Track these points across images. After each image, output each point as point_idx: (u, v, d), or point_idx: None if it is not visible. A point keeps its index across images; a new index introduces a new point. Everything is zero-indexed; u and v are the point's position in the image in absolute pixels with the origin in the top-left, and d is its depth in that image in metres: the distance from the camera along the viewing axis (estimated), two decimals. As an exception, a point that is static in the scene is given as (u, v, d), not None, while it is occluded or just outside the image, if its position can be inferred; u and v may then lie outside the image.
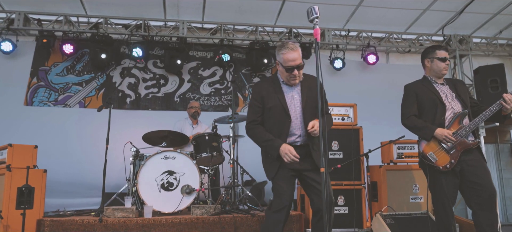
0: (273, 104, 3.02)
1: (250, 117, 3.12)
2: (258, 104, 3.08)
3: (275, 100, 3.02)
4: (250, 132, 3.12)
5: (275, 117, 3.02)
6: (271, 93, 3.06)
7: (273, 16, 7.03)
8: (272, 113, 3.03)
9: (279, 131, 2.99)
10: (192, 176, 4.53)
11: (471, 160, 3.20)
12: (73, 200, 6.00)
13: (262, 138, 3.00)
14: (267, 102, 3.05)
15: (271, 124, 3.04)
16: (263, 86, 3.17)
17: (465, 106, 3.33)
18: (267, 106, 3.05)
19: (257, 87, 3.18)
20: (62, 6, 6.58)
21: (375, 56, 7.45)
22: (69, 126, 6.58)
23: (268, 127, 3.05)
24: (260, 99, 3.08)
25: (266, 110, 3.06)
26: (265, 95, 3.06)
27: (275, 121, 3.02)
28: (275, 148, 2.89)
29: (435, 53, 3.45)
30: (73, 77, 6.94)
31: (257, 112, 3.08)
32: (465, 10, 6.89)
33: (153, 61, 7.23)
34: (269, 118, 3.05)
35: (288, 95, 3.05)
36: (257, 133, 3.06)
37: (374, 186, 4.77)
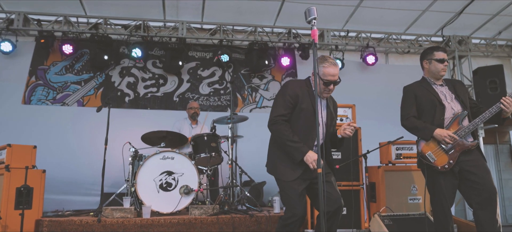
0: (306, 106, 2.94)
1: (279, 111, 2.97)
2: (291, 100, 2.96)
3: (309, 103, 2.95)
4: (275, 126, 2.97)
5: (306, 119, 2.94)
6: (305, 95, 2.98)
7: (272, 16, 7.04)
8: (304, 115, 2.95)
9: (306, 135, 2.93)
10: (190, 176, 4.54)
11: (471, 160, 3.19)
12: (72, 199, 6.01)
13: (289, 137, 2.89)
14: (301, 101, 2.96)
15: (299, 125, 2.96)
16: (299, 84, 3.07)
17: (464, 107, 3.32)
18: (301, 106, 2.96)
19: (293, 84, 3.08)
20: (61, 7, 6.59)
21: (374, 56, 7.46)
22: (67, 124, 6.56)
23: (295, 128, 2.95)
24: (295, 96, 2.96)
25: (298, 110, 2.96)
26: (300, 95, 2.97)
27: (304, 123, 2.95)
28: (302, 152, 2.82)
29: (433, 54, 3.45)
30: (72, 76, 6.94)
31: (288, 108, 2.96)
32: (464, 11, 6.90)
33: (152, 61, 7.24)
34: (299, 118, 2.97)
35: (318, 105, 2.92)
36: (283, 130, 2.92)
37: (372, 187, 4.78)
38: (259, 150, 6.53)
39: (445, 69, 3.44)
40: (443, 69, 3.42)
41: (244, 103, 7.32)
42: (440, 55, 3.43)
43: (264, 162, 3.18)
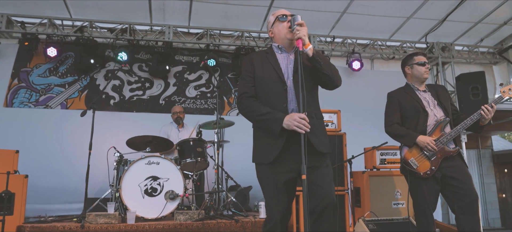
0: (266, 71, 2.56)
1: (241, 89, 2.60)
2: (248, 72, 2.60)
3: (269, 66, 2.57)
4: (241, 106, 2.59)
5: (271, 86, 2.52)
6: (264, 60, 2.62)
7: (259, 21, 7.07)
8: (267, 82, 2.53)
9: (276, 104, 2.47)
10: (176, 181, 4.51)
11: (453, 166, 3.25)
12: (54, 205, 5.90)
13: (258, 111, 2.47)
14: (259, 69, 2.58)
15: (266, 96, 2.53)
16: (257, 54, 2.72)
17: (446, 114, 3.39)
18: (259, 74, 2.57)
19: (249, 56, 2.70)
20: (46, 9, 6.50)
21: (360, 62, 7.54)
22: (50, 127, 6.45)
23: (264, 101, 2.53)
24: (250, 64, 2.62)
25: (259, 80, 2.56)
26: (256, 61, 2.62)
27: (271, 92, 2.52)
28: (278, 120, 2.35)
29: (414, 59, 3.54)
30: (55, 79, 6.83)
31: (249, 82, 2.58)
32: (447, 18, 7.04)
33: (138, 64, 7.19)
34: (263, 89, 2.55)
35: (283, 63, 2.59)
36: (250, 106, 2.52)
37: (357, 192, 4.82)
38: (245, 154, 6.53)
39: (427, 71, 3.52)
40: (425, 71, 3.50)
41: (231, 107, 7.32)
42: (420, 59, 3.52)
43: (250, 167, 3.01)
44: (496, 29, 7.58)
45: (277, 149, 2.40)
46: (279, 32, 2.61)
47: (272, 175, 2.44)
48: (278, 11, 2.66)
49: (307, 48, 2.41)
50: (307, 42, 2.41)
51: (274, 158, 2.41)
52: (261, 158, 2.50)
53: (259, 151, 2.53)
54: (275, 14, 2.66)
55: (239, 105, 2.60)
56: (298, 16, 2.43)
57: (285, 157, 2.42)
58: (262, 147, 2.52)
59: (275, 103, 2.47)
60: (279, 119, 2.35)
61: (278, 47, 2.64)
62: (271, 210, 2.49)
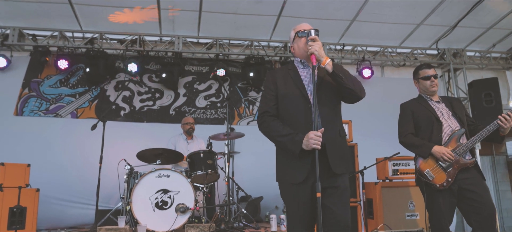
0: (289, 89, 2.50)
1: (262, 108, 2.56)
2: (271, 91, 2.55)
3: (291, 84, 2.51)
4: (262, 127, 2.55)
5: (294, 104, 2.47)
6: (287, 77, 2.57)
7: (269, 30, 7.05)
8: (289, 100, 2.48)
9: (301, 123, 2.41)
10: (186, 194, 4.49)
11: (469, 178, 3.18)
12: (65, 214, 5.93)
13: (278, 132, 2.43)
14: (282, 86, 2.53)
15: (290, 115, 2.48)
16: (279, 70, 2.66)
17: (462, 124, 3.32)
18: (282, 92, 2.51)
19: (271, 72, 2.68)
20: (57, 22, 6.57)
21: (370, 70, 7.47)
22: (60, 136, 6.47)
23: (287, 121, 2.48)
24: (273, 83, 2.57)
25: (281, 98, 2.51)
26: (280, 79, 2.57)
27: (294, 110, 2.46)
28: (297, 141, 2.31)
29: (418, 73, 3.52)
30: (66, 90, 6.88)
31: (271, 100, 2.53)
32: (458, 24, 6.94)
33: (148, 75, 7.22)
34: (286, 108, 2.50)
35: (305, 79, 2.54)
36: (271, 127, 2.48)
37: (369, 203, 4.76)
38: (256, 164, 6.59)
39: (433, 84, 3.46)
40: (431, 85, 3.45)
41: (241, 116, 7.30)
42: (424, 73, 3.47)
43: (261, 177, 3.02)
44: (508, 34, 7.46)
45: (305, 169, 2.35)
46: (299, 48, 2.55)
47: (297, 194, 2.39)
48: (299, 26, 2.60)
49: (325, 63, 2.36)
50: (324, 57, 2.37)
51: (302, 180, 2.35)
52: (287, 178, 2.45)
53: (285, 171, 2.48)
54: (295, 29, 2.61)
55: (259, 124, 2.56)
56: (312, 31, 2.40)
57: (309, 176, 2.36)
58: (288, 166, 2.46)
59: (299, 121, 2.42)
60: (298, 141, 2.31)
61: (301, 62, 2.60)
62: (294, 228, 2.45)
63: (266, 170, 6.77)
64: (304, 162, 2.35)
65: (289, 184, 2.44)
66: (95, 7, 6.15)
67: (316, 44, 2.37)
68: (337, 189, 2.37)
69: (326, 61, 2.36)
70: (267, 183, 6.85)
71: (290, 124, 2.44)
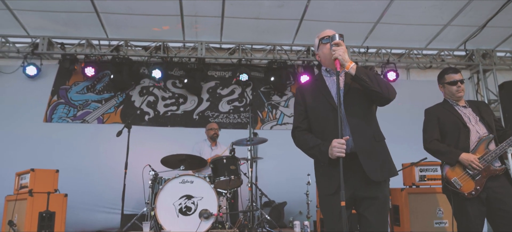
0: (316, 99, 2.49)
1: (294, 124, 2.60)
2: (300, 105, 2.56)
3: (317, 93, 2.50)
4: (295, 141, 2.59)
5: (323, 114, 2.44)
6: (313, 87, 2.56)
7: (291, 34, 7.02)
8: (318, 111, 2.47)
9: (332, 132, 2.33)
10: (210, 200, 4.50)
11: (498, 187, 3.05)
12: (93, 218, 6.09)
13: (308, 144, 2.44)
14: (309, 98, 2.53)
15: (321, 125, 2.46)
16: (306, 83, 2.72)
17: (490, 130, 3.19)
18: (310, 104, 2.51)
19: (300, 86, 2.69)
20: (84, 30, 6.76)
21: (395, 73, 7.32)
22: (87, 141, 6.63)
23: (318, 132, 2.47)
24: (301, 96, 2.57)
25: (310, 110, 2.51)
26: (307, 91, 2.56)
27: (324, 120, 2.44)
28: (323, 152, 2.31)
29: (444, 78, 3.39)
30: (93, 96, 7.07)
31: (301, 115, 2.54)
32: (488, 24, 6.71)
33: (172, 81, 7.32)
34: (316, 118, 2.50)
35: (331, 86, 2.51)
36: (301, 141, 2.51)
37: (396, 210, 4.64)
38: (279, 169, 6.56)
39: (459, 90, 3.33)
40: (457, 91, 3.32)
41: (264, 121, 7.29)
42: (450, 78, 3.35)
43: (284, 181, 3.00)
44: (541, 33, 7.17)
45: (336, 180, 2.23)
46: (324, 55, 2.50)
47: (330, 205, 2.37)
48: (322, 32, 2.54)
49: (349, 68, 2.32)
50: (348, 61, 2.32)
51: (335, 190, 2.29)
52: (323, 190, 2.47)
53: (320, 182, 2.51)
54: (319, 36, 2.55)
55: (293, 139, 2.60)
56: (336, 36, 2.36)
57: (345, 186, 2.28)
58: (321, 177, 2.49)
59: (329, 130, 2.37)
60: (325, 151, 2.30)
61: (326, 71, 2.57)
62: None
63: (289, 175, 6.79)
64: (336, 172, 2.23)
65: (323, 195, 2.46)
66: (120, 15, 6.28)
67: (340, 48, 2.32)
68: (376, 200, 2.32)
69: (350, 65, 2.31)
70: (291, 188, 6.87)
71: (321, 135, 2.42)
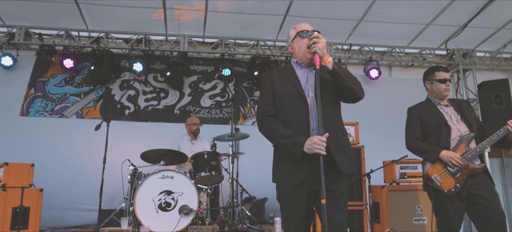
0: (286, 88, 2.44)
1: (261, 108, 2.49)
2: (268, 90, 2.50)
3: (288, 83, 2.45)
4: (262, 127, 2.47)
5: (291, 104, 2.40)
6: (283, 76, 2.50)
7: (275, 30, 6.98)
8: (287, 100, 2.41)
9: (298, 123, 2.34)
10: (190, 196, 4.45)
11: (479, 184, 3.09)
12: (69, 214, 5.93)
13: (279, 133, 2.35)
14: (279, 85, 2.47)
15: (287, 115, 2.41)
16: (276, 70, 2.61)
17: (471, 129, 3.23)
18: (279, 91, 2.45)
19: (268, 72, 2.61)
20: (63, 21, 6.56)
21: (378, 70, 7.37)
22: (65, 137, 6.46)
23: (284, 121, 2.41)
24: (270, 82, 2.52)
25: (279, 98, 2.45)
26: (276, 78, 2.51)
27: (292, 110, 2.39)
28: (299, 144, 2.24)
29: (435, 75, 3.38)
30: (71, 88, 6.87)
31: (269, 100, 2.48)
32: (468, 24, 6.81)
33: (153, 75, 7.19)
34: (283, 107, 2.43)
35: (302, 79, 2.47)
36: (272, 127, 2.40)
37: (376, 207, 4.67)
38: (261, 165, 6.51)
39: (447, 89, 3.36)
40: (445, 89, 3.35)
41: (246, 117, 7.24)
42: (441, 75, 3.36)
43: (265, 178, 2.92)
44: (519, 34, 7.32)
45: (304, 171, 2.29)
46: (299, 48, 2.48)
47: (294, 197, 2.33)
48: (300, 25, 2.52)
49: (326, 62, 2.29)
50: (326, 55, 2.29)
51: (302, 182, 2.29)
52: (285, 180, 2.39)
53: (283, 172, 2.40)
54: (296, 29, 2.52)
55: (260, 125, 2.49)
56: (314, 33, 2.32)
57: (307, 179, 2.30)
58: (286, 167, 2.39)
59: (296, 121, 2.35)
60: (300, 144, 2.24)
61: (297, 63, 2.53)
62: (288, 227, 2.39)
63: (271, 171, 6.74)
64: (303, 164, 2.29)
65: (286, 186, 2.37)
66: (101, 6, 6.13)
67: (321, 42, 2.28)
68: (335, 193, 2.29)
69: (328, 59, 2.29)
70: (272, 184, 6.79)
71: (287, 124, 2.38)
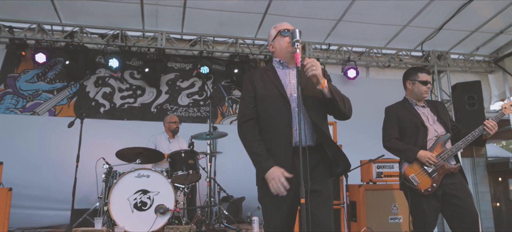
0: (268, 89, 2.38)
1: (241, 111, 2.46)
2: (249, 92, 2.44)
3: (269, 83, 2.40)
4: (240, 133, 2.43)
5: (273, 106, 2.34)
6: (264, 76, 2.44)
7: (254, 28, 6.95)
8: (269, 101, 2.36)
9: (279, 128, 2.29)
10: (167, 195, 4.36)
11: (454, 183, 3.16)
12: (41, 214, 5.73)
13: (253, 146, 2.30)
14: (260, 86, 2.41)
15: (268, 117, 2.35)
16: (257, 70, 2.56)
17: (447, 129, 3.31)
18: (260, 92, 2.39)
19: (249, 73, 2.55)
20: (35, 14, 6.32)
21: (355, 70, 7.43)
22: (37, 135, 6.23)
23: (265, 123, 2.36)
24: (251, 83, 2.45)
25: (260, 100, 2.39)
26: (257, 79, 2.44)
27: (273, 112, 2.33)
28: (263, 169, 2.22)
29: (417, 75, 3.42)
30: (43, 85, 6.62)
31: (250, 102, 2.41)
32: (444, 27, 6.96)
33: (130, 71, 7.02)
34: (265, 109, 2.37)
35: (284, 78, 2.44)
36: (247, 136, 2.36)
37: (353, 206, 4.71)
38: (239, 164, 6.45)
39: (427, 91, 3.43)
40: (425, 91, 3.41)
41: (224, 115, 7.18)
42: (424, 77, 3.41)
43: (243, 177, 2.88)
44: (492, 38, 7.52)
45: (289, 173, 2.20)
46: (280, 46, 2.45)
47: (277, 199, 2.22)
48: (280, 24, 2.50)
49: (323, 87, 2.24)
50: (323, 79, 2.23)
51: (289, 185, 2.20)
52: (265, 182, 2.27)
53: None
54: (277, 28, 2.50)
55: (238, 129, 2.43)
56: (296, 31, 2.28)
57: (292, 180, 2.20)
58: None
59: (278, 123, 2.30)
60: (264, 169, 2.21)
61: (280, 62, 2.48)
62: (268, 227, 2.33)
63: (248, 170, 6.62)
64: (285, 165, 2.21)
65: (267, 189, 2.23)
66: (76, 0, 5.94)
67: (319, 66, 2.23)
68: (321, 194, 2.25)
69: (324, 84, 2.24)
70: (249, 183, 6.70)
71: (269, 125, 2.33)
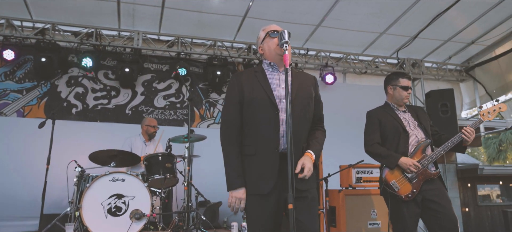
0: (257, 93, 2.31)
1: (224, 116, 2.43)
2: (235, 95, 2.36)
3: (259, 87, 2.33)
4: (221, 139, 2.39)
5: (263, 111, 2.27)
6: (253, 80, 2.37)
7: (233, 31, 6.88)
8: (258, 105, 2.29)
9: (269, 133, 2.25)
10: (142, 200, 4.21)
11: (434, 189, 3.19)
12: (6, 219, 5.47)
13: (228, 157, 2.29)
14: (249, 90, 2.33)
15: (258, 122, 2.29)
16: (245, 73, 2.48)
17: (427, 135, 3.34)
18: (250, 96, 2.31)
19: (236, 75, 2.47)
20: (4, 9, 6.03)
21: (333, 76, 7.49)
22: (4, 137, 5.94)
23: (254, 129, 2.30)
24: (238, 86, 2.37)
25: (248, 103, 2.31)
26: (246, 82, 2.37)
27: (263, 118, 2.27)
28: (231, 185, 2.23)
29: (398, 80, 3.45)
30: (12, 84, 6.30)
31: (234, 105, 2.34)
32: (418, 35, 7.11)
33: (104, 71, 6.79)
34: (254, 115, 2.30)
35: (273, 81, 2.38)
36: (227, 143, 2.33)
37: (332, 211, 4.70)
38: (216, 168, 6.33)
39: (408, 96, 3.47)
40: (406, 96, 3.45)
41: (202, 119, 7.05)
42: (405, 82, 3.45)
43: (220, 181, 2.77)
44: (464, 47, 7.76)
45: (272, 178, 2.17)
46: (269, 48, 2.41)
47: (261, 206, 2.20)
48: (269, 26, 2.47)
49: None
50: None
51: (270, 190, 2.17)
52: (251, 189, 2.23)
53: (249, 181, 2.25)
54: (265, 30, 2.46)
55: (220, 134, 2.37)
56: (284, 32, 2.23)
57: (276, 186, 2.19)
58: (252, 174, 2.24)
59: (265, 128, 2.25)
60: (231, 185, 2.23)
61: (270, 64, 2.43)
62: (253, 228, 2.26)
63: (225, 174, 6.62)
64: (271, 171, 2.17)
65: (253, 196, 2.21)
66: (48, -5, 5.72)
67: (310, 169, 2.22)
68: (305, 199, 2.21)
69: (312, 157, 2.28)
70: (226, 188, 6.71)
71: (256, 129, 2.27)
